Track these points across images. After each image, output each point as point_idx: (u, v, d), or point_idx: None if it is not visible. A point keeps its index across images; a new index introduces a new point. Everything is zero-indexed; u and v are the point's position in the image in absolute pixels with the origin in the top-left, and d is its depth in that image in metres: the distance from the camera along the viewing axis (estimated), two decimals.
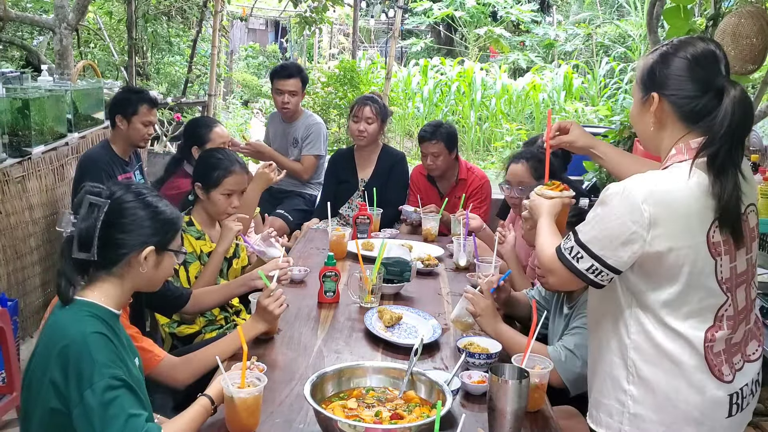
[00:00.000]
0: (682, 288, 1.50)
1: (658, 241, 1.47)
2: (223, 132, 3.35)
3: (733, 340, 1.57)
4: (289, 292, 2.59)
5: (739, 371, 1.57)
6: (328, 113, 7.67)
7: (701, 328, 1.52)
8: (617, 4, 12.87)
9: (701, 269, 1.49)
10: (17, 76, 3.96)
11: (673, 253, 1.47)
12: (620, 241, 1.49)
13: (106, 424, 1.40)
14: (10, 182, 3.42)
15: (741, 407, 1.58)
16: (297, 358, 2.03)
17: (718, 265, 1.51)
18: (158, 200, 1.65)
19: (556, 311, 2.31)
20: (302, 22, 6.89)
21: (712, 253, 1.50)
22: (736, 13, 3.80)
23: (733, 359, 1.57)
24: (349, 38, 13.67)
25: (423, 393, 1.69)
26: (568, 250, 1.57)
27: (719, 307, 1.53)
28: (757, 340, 1.69)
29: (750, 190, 1.62)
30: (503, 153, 9.03)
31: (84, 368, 1.42)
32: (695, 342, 1.51)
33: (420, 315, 2.34)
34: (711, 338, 1.51)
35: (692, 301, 1.51)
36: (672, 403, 1.52)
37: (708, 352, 1.52)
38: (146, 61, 7.20)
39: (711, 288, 1.51)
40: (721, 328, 1.53)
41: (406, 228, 3.64)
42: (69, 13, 4.89)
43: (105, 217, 1.55)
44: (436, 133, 3.55)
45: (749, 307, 1.62)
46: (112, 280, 1.58)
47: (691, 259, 1.48)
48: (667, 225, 1.46)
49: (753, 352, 1.64)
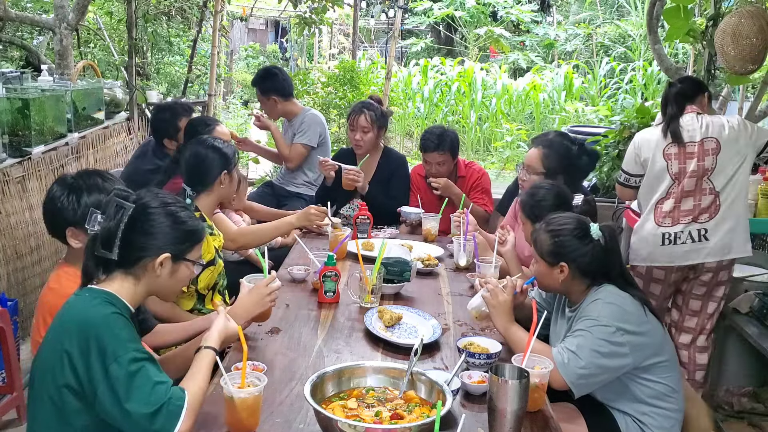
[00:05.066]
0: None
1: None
2: (224, 131, 3.36)
3: (681, 207, 2.98)
4: (289, 292, 2.60)
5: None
6: (328, 113, 7.65)
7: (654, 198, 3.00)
8: (617, 4, 12.87)
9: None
10: (17, 76, 3.96)
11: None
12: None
13: (132, 393, 1.46)
14: (10, 182, 3.43)
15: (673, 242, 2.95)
16: (297, 358, 2.03)
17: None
18: (182, 211, 1.73)
19: (558, 313, 2.31)
20: (301, 23, 6.88)
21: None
22: (736, 13, 3.80)
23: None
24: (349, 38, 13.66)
25: (423, 393, 1.69)
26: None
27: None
28: (710, 214, 2.96)
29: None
30: (503, 153, 9.03)
31: (107, 345, 1.48)
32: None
33: (420, 315, 2.34)
34: (660, 204, 2.99)
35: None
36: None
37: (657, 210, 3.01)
38: (146, 61, 7.19)
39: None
40: (668, 198, 2.98)
41: (406, 228, 3.64)
42: (69, 13, 4.89)
43: (129, 220, 1.63)
44: (441, 143, 3.48)
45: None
46: (130, 279, 1.66)
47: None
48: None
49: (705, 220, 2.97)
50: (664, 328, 2.23)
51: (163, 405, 1.47)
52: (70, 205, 1.93)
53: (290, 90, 4.31)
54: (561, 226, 2.13)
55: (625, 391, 2.10)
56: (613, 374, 2.02)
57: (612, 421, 2.11)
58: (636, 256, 3.10)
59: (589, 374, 1.96)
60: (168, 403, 1.48)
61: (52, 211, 1.96)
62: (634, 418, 2.11)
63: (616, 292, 2.08)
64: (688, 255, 3.00)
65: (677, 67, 4.98)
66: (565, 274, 2.11)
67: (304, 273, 2.74)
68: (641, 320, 2.05)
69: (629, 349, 2.00)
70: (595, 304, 2.06)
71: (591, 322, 2.00)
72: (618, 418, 2.11)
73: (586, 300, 2.11)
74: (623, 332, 1.99)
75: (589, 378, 1.96)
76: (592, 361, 1.95)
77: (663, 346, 2.13)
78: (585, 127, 6.93)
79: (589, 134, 5.50)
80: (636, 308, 2.07)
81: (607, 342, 1.97)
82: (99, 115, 4.67)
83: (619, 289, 2.10)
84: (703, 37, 4.51)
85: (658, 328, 2.14)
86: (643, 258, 3.07)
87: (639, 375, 2.08)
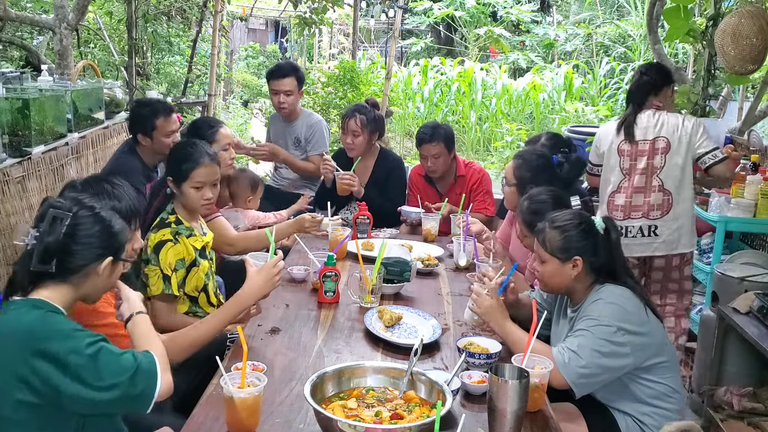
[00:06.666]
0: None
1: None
2: (228, 133, 3.32)
3: (632, 203, 3.23)
4: (289, 292, 2.60)
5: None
6: (328, 113, 7.65)
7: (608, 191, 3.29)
8: (617, 4, 12.86)
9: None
10: (17, 76, 3.95)
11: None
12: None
13: (102, 371, 1.47)
14: (10, 182, 3.42)
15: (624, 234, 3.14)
16: (297, 358, 2.03)
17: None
18: (111, 214, 1.70)
19: (559, 314, 2.31)
20: (301, 24, 6.88)
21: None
22: (736, 13, 3.80)
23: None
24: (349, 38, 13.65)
25: (423, 393, 1.69)
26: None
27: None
28: (662, 212, 3.20)
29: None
30: (503, 153, 9.02)
31: (54, 344, 1.46)
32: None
33: (420, 315, 2.35)
34: (612, 197, 3.27)
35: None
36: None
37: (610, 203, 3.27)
38: (146, 61, 7.19)
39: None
40: (620, 192, 3.25)
41: (406, 228, 3.64)
42: (69, 13, 4.89)
43: (67, 230, 1.59)
44: (435, 134, 3.55)
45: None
46: (65, 287, 1.62)
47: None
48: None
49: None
50: (664, 329, 2.24)
51: (137, 368, 1.51)
52: None
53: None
54: (567, 221, 2.15)
55: (626, 391, 2.10)
56: (614, 374, 2.02)
57: (612, 421, 2.11)
58: None
59: (590, 374, 1.96)
60: (140, 365, 1.52)
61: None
62: (635, 419, 2.11)
63: (617, 292, 2.08)
64: (639, 248, 3.26)
65: (677, 67, 4.98)
66: (579, 267, 2.10)
67: (304, 273, 2.74)
68: (642, 320, 2.05)
69: (630, 349, 2.00)
70: (596, 303, 2.06)
71: (592, 321, 2.00)
72: (618, 418, 2.11)
73: (588, 300, 2.11)
74: (624, 332, 1.99)
75: (589, 378, 1.97)
76: (592, 360, 1.96)
77: (664, 346, 2.13)
78: (585, 127, 6.94)
79: (589, 134, 5.51)
80: (637, 308, 2.07)
81: (608, 342, 1.97)
82: (99, 115, 4.66)
83: (623, 284, 2.11)
84: (703, 37, 4.51)
85: (659, 328, 2.14)
86: None
87: (639, 375, 2.08)
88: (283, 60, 14.85)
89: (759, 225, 3.66)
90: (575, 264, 2.11)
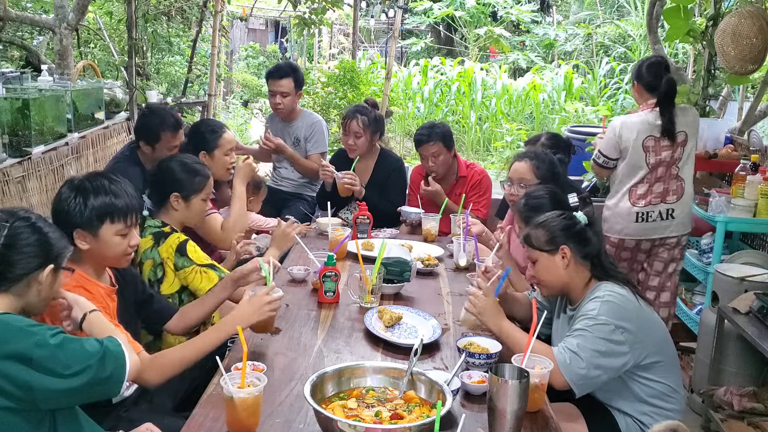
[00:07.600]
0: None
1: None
2: (231, 137, 3.30)
3: (653, 190, 3.39)
4: (289, 292, 2.60)
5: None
6: (328, 113, 7.65)
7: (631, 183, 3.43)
8: (617, 4, 12.86)
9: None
10: (17, 76, 3.96)
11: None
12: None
13: (69, 359, 1.48)
14: (10, 182, 3.42)
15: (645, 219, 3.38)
16: (297, 358, 2.03)
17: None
18: (47, 224, 1.69)
19: (559, 314, 2.31)
20: (301, 24, 6.88)
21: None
22: (736, 13, 3.80)
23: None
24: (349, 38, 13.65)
25: (423, 393, 1.69)
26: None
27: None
28: (677, 196, 3.40)
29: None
30: (503, 153, 9.02)
31: (19, 344, 1.46)
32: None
33: (420, 315, 2.34)
34: (635, 188, 3.41)
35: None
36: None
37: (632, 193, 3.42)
38: (146, 61, 7.18)
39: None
40: (643, 183, 3.39)
41: (406, 228, 3.64)
42: (69, 13, 4.89)
43: (7, 240, 1.58)
44: (432, 134, 3.56)
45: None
46: (8, 297, 1.60)
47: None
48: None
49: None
50: (665, 328, 2.24)
51: (103, 352, 1.52)
52: (77, 207, 1.92)
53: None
54: (547, 217, 2.22)
55: (626, 391, 2.10)
56: (615, 373, 2.02)
57: (612, 421, 2.11)
58: (610, 229, 3.50)
59: (591, 374, 1.96)
60: (107, 348, 1.53)
61: (60, 212, 1.95)
62: (635, 418, 2.11)
63: (615, 290, 2.08)
64: (657, 230, 3.44)
65: (677, 67, 4.97)
66: (568, 256, 2.13)
67: (304, 273, 2.74)
68: (640, 317, 2.06)
69: (629, 347, 2.00)
70: (594, 302, 2.06)
71: (590, 320, 2.00)
72: (618, 418, 2.11)
73: (586, 298, 2.11)
74: (622, 330, 1.99)
75: (590, 378, 1.96)
76: (592, 360, 1.95)
77: (663, 345, 2.14)
78: (585, 127, 6.94)
79: (589, 134, 5.51)
80: (635, 306, 2.07)
81: (606, 341, 1.97)
82: (99, 115, 4.67)
83: (621, 283, 2.11)
84: (703, 37, 4.51)
85: (658, 326, 2.15)
86: (618, 231, 3.48)
87: (639, 374, 2.08)
88: (283, 60, 14.85)
89: (759, 225, 3.66)
90: (563, 254, 2.13)
